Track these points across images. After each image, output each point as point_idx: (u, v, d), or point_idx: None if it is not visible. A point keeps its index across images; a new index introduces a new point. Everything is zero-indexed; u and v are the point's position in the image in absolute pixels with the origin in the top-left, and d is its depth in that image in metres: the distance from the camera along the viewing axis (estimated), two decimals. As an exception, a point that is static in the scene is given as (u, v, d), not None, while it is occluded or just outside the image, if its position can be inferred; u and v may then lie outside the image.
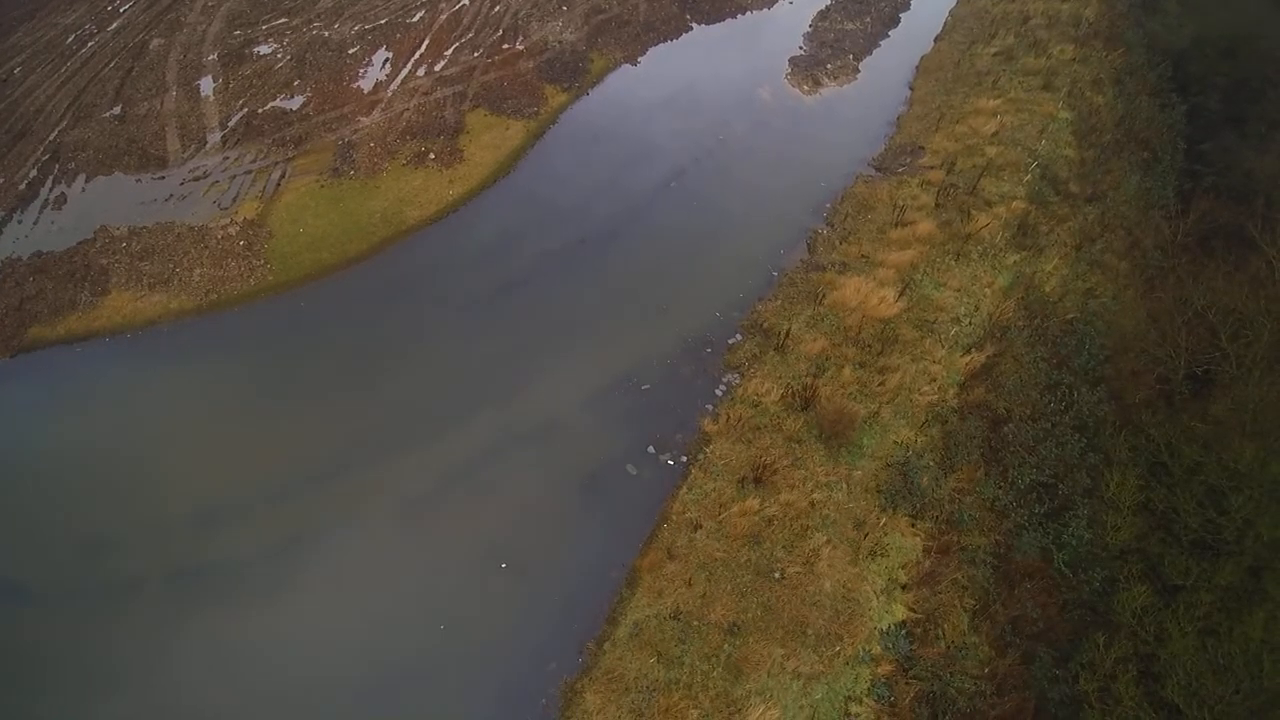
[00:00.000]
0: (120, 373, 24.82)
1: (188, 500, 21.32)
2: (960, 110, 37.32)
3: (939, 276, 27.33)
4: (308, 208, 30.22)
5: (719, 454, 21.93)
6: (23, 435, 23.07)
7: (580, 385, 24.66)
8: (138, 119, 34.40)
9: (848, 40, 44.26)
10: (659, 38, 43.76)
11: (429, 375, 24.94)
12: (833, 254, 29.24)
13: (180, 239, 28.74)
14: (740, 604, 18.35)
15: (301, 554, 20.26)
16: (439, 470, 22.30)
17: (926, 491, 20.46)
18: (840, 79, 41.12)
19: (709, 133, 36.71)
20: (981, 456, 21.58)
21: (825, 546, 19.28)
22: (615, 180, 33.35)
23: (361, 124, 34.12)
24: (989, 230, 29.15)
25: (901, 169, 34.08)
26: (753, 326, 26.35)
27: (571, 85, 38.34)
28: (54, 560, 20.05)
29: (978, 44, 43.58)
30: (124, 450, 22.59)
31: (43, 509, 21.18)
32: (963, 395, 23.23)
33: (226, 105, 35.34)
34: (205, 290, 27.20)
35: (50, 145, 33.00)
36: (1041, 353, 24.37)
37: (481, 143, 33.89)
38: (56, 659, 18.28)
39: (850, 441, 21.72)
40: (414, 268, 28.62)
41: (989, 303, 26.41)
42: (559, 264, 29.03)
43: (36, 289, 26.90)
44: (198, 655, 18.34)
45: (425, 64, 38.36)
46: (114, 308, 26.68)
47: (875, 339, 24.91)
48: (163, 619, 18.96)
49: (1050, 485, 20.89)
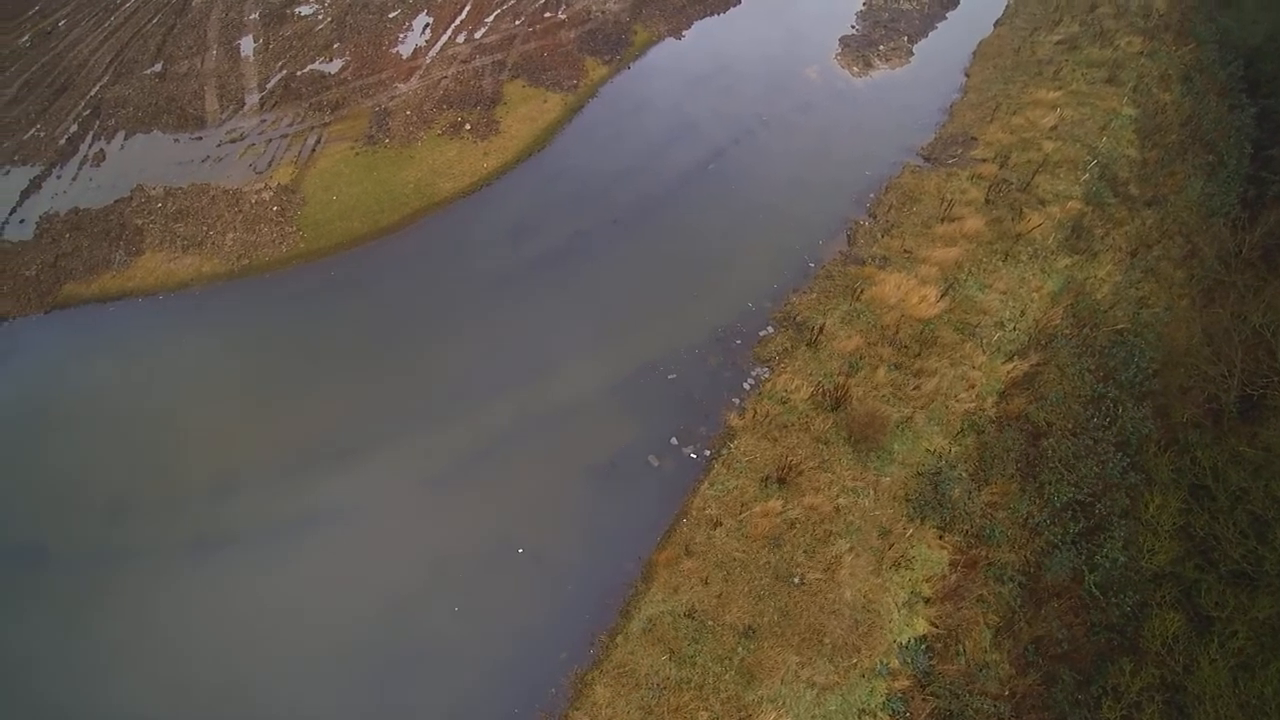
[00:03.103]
0: (151, 334, 25.03)
1: (209, 466, 21.52)
2: (1018, 101, 35.63)
3: (985, 277, 26.25)
4: (341, 175, 30.01)
5: (743, 450, 21.44)
6: (51, 392, 23.42)
7: (605, 369, 24.28)
8: (178, 77, 34.37)
9: (903, 20, 42.48)
10: (706, 10, 42.43)
11: (454, 351, 24.77)
12: (873, 247, 28.25)
13: (215, 201, 28.75)
14: (757, 607, 17.99)
15: (319, 527, 20.33)
16: (459, 448, 22.19)
17: (957, 504, 19.78)
18: (892, 61, 39.53)
19: (751, 113, 35.60)
20: (1018, 470, 20.79)
21: (848, 554, 18.78)
22: (652, 159, 32.57)
23: (399, 91, 33.67)
24: (1041, 231, 27.88)
25: (951, 160, 32.71)
26: (785, 319, 25.62)
27: (612, 58, 37.39)
28: (73, 520, 20.40)
29: (1040, 31, 41.51)
30: (150, 412, 22.85)
31: (66, 467, 21.53)
32: (1002, 405, 22.35)
33: (266, 66, 35.12)
34: (237, 255, 27.24)
35: (91, 101, 33.15)
36: (1087, 364, 23.31)
37: (518, 115, 33.27)
38: (70, 621, 18.58)
39: (880, 446, 21.06)
40: (445, 241, 28.35)
41: (1036, 308, 25.31)
42: (590, 243, 28.50)
43: (72, 246, 27.17)
44: (211, 623, 18.56)
45: (465, 31, 37.67)
46: (147, 268, 26.85)
47: (913, 340, 24.04)
48: (179, 586, 19.20)
49: (1087, 504, 20.07)
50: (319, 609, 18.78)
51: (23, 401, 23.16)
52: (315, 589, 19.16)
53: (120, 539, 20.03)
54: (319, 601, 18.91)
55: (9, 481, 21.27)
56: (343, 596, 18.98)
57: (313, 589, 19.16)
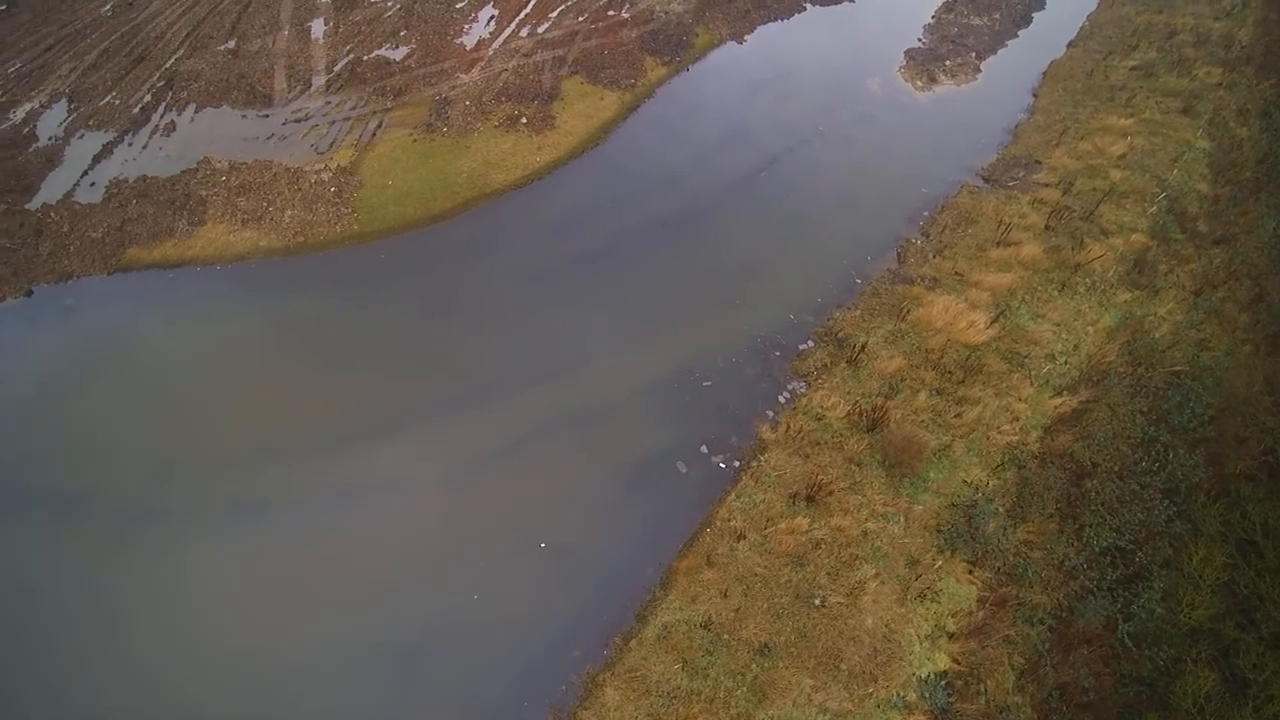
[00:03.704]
0: (206, 303, 25.87)
1: (249, 434, 22.18)
2: (1087, 126, 34.49)
3: (1038, 307, 25.47)
4: (399, 161, 30.57)
5: (773, 464, 21.21)
6: (107, 350, 24.43)
7: (640, 371, 24.25)
8: (250, 55, 35.42)
9: (972, 36, 41.48)
10: (770, 16, 42.10)
11: (493, 341, 25.02)
12: (924, 267, 27.64)
13: (276, 178, 29.56)
14: (775, 625, 17.78)
15: (349, 502, 20.78)
16: (491, 438, 22.40)
17: (991, 539, 19.24)
18: (958, 77, 38.63)
19: (809, 122, 35.21)
20: (1057, 510, 20.13)
21: (873, 580, 18.43)
22: (704, 163, 32.45)
23: (460, 81, 34.14)
24: (1101, 262, 26.94)
25: (1013, 183, 31.82)
26: (827, 334, 25.24)
27: (672, 59, 37.34)
28: (119, 477, 21.20)
29: (1115, 55, 40.08)
30: (197, 377, 23.66)
31: (114, 422, 22.44)
32: (1046, 440, 21.66)
33: (334, 49, 35.96)
34: (294, 232, 27.96)
35: (166, 73, 34.39)
36: (1140, 405, 22.45)
37: (574, 111, 33.45)
38: (102, 570, 19.34)
39: (915, 473, 20.61)
40: (493, 232, 28.67)
41: (1090, 343, 24.47)
42: (635, 244, 28.51)
43: (138, 212, 28.23)
44: (235, 585, 19.12)
45: (529, 24, 38.02)
46: (208, 239, 27.75)
47: (958, 366, 23.46)
48: (209, 547, 19.82)
49: (1128, 550, 19.35)
50: (341, 582, 19.19)
51: (80, 356, 24.22)
52: (339, 562, 19.58)
53: (158, 497, 20.78)
54: (342, 574, 19.32)
55: (59, 431, 22.25)
56: (365, 572, 19.36)
57: (337, 562, 19.58)
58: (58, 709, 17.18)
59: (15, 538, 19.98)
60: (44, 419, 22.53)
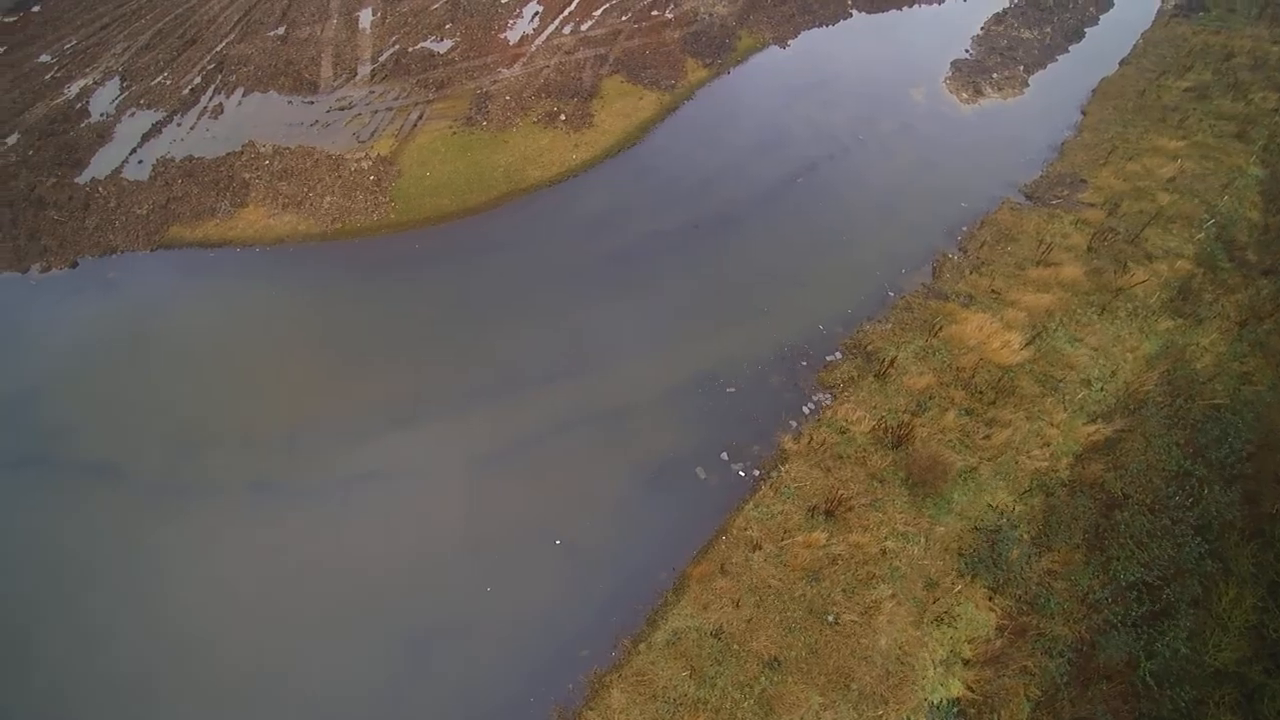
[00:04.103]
0: (244, 284, 26.40)
1: (276, 414, 22.60)
2: (1136, 146, 33.57)
3: (1076, 330, 24.86)
4: (437, 152, 30.87)
5: (794, 475, 20.99)
6: (145, 325, 25.07)
7: (664, 373, 24.17)
8: (298, 42, 36.02)
9: (1021, 49, 40.61)
10: (815, 21, 41.68)
11: (520, 335, 25.14)
12: (959, 283, 27.14)
13: (318, 165, 30.03)
14: (786, 639, 17.60)
15: (370, 487, 21.07)
16: (513, 432, 22.52)
17: (1014, 566, 18.82)
18: (1005, 90, 37.86)
19: (849, 129, 34.79)
20: (1084, 540, 19.62)
21: (889, 600, 18.14)
22: (741, 167, 32.25)
23: (501, 76, 34.35)
24: (1144, 288, 26.19)
25: (1056, 201, 31.10)
26: (855, 347, 24.91)
27: (714, 61, 37.14)
28: (151, 448, 21.78)
29: (1168, 75, 38.94)
30: (231, 356, 24.16)
31: (148, 395, 23.05)
32: (1077, 468, 21.12)
33: (381, 40, 36.42)
34: (332, 218, 28.39)
35: (216, 56, 35.13)
36: (1177, 437, 21.79)
37: (613, 110, 33.45)
38: (130, 537, 19.92)
39: (939, 493, 20.24)
40: (526, 227, 28.80)
41: (1128, 370, 23.81)
42: (667, 245, 28.44)
43: (183, 191, 28.88)
44: (256, 561, 19.54)
45: (573, 22, 38.11)
46: (248, 221, 28.30)
47: (989, 386, 22.99)
48: (232, 522, 20.27)
49: (1155, 586, 18.78)
50: (357, 565, 19.46)
51: (119, 330, 24.90)
52: (357, 545, 19.87)
53: (187, 470, 21.30)
54: (359, 558, 19.60)
55: (96, 400, 22.90)
56: (382, 557, 19.61)
57: (355, 545, 19.88)
58: (82, 661, 17.73)
59: (51, 500, 20.67)
60: (82, 388, 23.23)
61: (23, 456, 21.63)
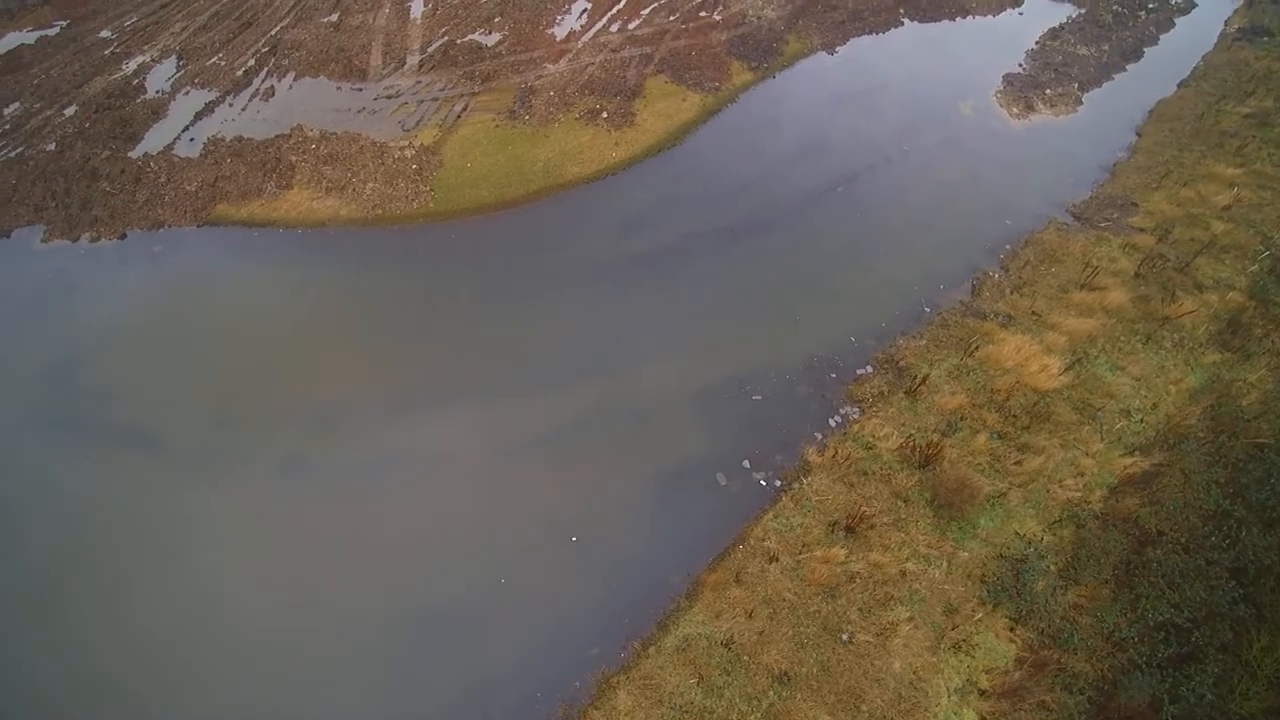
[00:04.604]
0: (284, 264, 26.96)
1: (310, 394, 23.00)
2: (1191, 171, 32.44)
3: (1118, 358, 24.10)
4: (479, 144, 31.09)
5: (816, 488, 20.69)
6: (188, 298, 25.74)
7: (690, 376, 24.02)
8: (350, 29, 36.58)
9: (1076, 66, 39.53)
10: (865, 29, 41.06)
11: (550, 330, 25.21)
12: (999, 303, 26.48)
13: (362, 151, 30.46)
14: (797, 654, 17.35)
15: (391, 472, 21.31)
16: (536, 425, 22.59)
17: (1038, 597, 18.29)
18: (1057, 107, 36.89)
19: (893, 140, 34.21)
20: (1114, 576, 18.98)
21: (906, 623, 17.76)
22: (780, 173, 31.91)
23: (546, 71, 34.48)
24: (1192, 318, 25.29)
25: (1104, 224, 30.19)
26: (887, 361, 24.47)
27: (759, 65, 36.82)
28: (185, 419, 22.38)
29: (1228, 100, 37.53)
30: (268, 333, 24.70)
31: (187, 370, 23.65)
32: (1111, 501, 20.45)
33: (430, 31, 36.82)
34: (373, 204, 28.77)
35: (271, 39, 35.83)
36: (1217, 475, 20.98)
37: (655, 110, 33.35)
38: (162, 503, 20.49)
39: (965, 517, 19.78)
40: (561, 223, 28.87)
41: (1170, 403, 23.00)
42: (701, 248, 28.27)
43: (231, 170, 29.51)
44: (276, 536, 19.97)
45: (620, 20, 38.10)
46: (292, 203, 28.82)
47: (1024, 411, 22.40)
48: (257, 497, 20.72)
49: (1184, 629, 18.09)
50: (374, 547, 19.73)
51: (162, 302, 25.61)
52: (377, 526, 20.14)
53: (219, 443, 21.80)
54: (378, 538, 19.88)
55: (135, 369, 23.58)
56: (400, 540, 19.86)
57: (375, 526, 20.15)
58: (108, 619, 18.32)
59: (85, 462, 21.37)
60: (122, 356, 23.95)
61: (62, 418, 22.40)
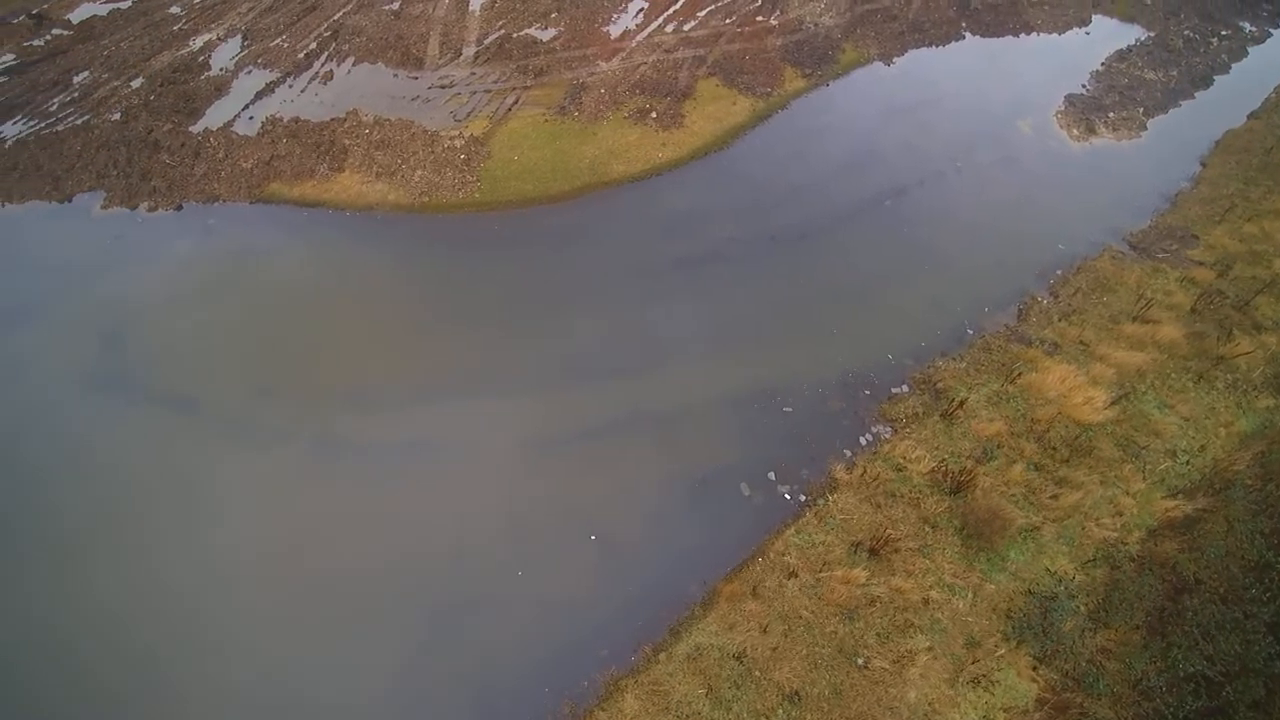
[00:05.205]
0: (331, 244, 27.57)
1: (345, 373, 23.53)
2: (1257, 207, 31.06)
3: (1167, 395, 23.21)
4: (527, 138, 31.30)
5: (841, 507, 20.36)
6: (237, 272, 26.50)
7: (721, 384, 23.82)
8: (411, 18, 37.16)
9: (1143, 90, 38.15)
10: (924, 40, 40.23)
11: (580, 327, 25.27)
12: (1046, 329, 25.69)
13: (414, 139, 30.90)
14: (809, 674, 17.09)
15: (417, 456, 21.64)
16: (563, 421, 22.67)
17: (1065, 638, 17.70)
18: (1120, 131, 35.66)
19: (947, 156, 33.45)
20: (1146, 622, 18.28)
21: (925, 653, 17.36)
22: (828, 182, 31.45)
23: (599, 69, 34.54)
24: (1248, 360, 24.23)
25: (1162, 255, 29.09)
26: (924, 382, 23.95)
27: (814, 72, 36.36)
28: (225, 389, 23.11)
29: (1303, 134, 35.85)
30: (311, 312, 25.30)
31: (231, 341, 24.38)
32: (1149, 544, 19.70)
33: (488, 23, 37.18)
34: (420, 191, 29.18)
35: (333, 24, 36.59)
36: (1262, 525, 20.04)
37: (705, 112, 33.17)
38: (196, 471, 21.22)
39: (994, 549, 19.25)
40: (603, 221, 28.91)
41: (1219, 446, 22.07)
42: (740, 254, 28.03)
43: (287, 150, 30.21)
44: (307, 508, 20.49)
45: (676, 20, 37.98)
46: (343, 185, 29.39)
47: (1064, 443, 21.71)
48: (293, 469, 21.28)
49: (1215, 682, 17.34)
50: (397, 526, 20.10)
51: (212, 274, 26.40)
52: (400, 508, 20.48)
53: (255, 416, 22.41)
54: (399, 520, 20.23)
55: (182, 337, 24.40)
56: (421, 523, 20.18)
57: (397, 507, 20.49)
58: (134, 572, 19.05)
59: (128, 422, 22.27)
60: (170, 323, 24.79)
61: (109, 379, 23.31)
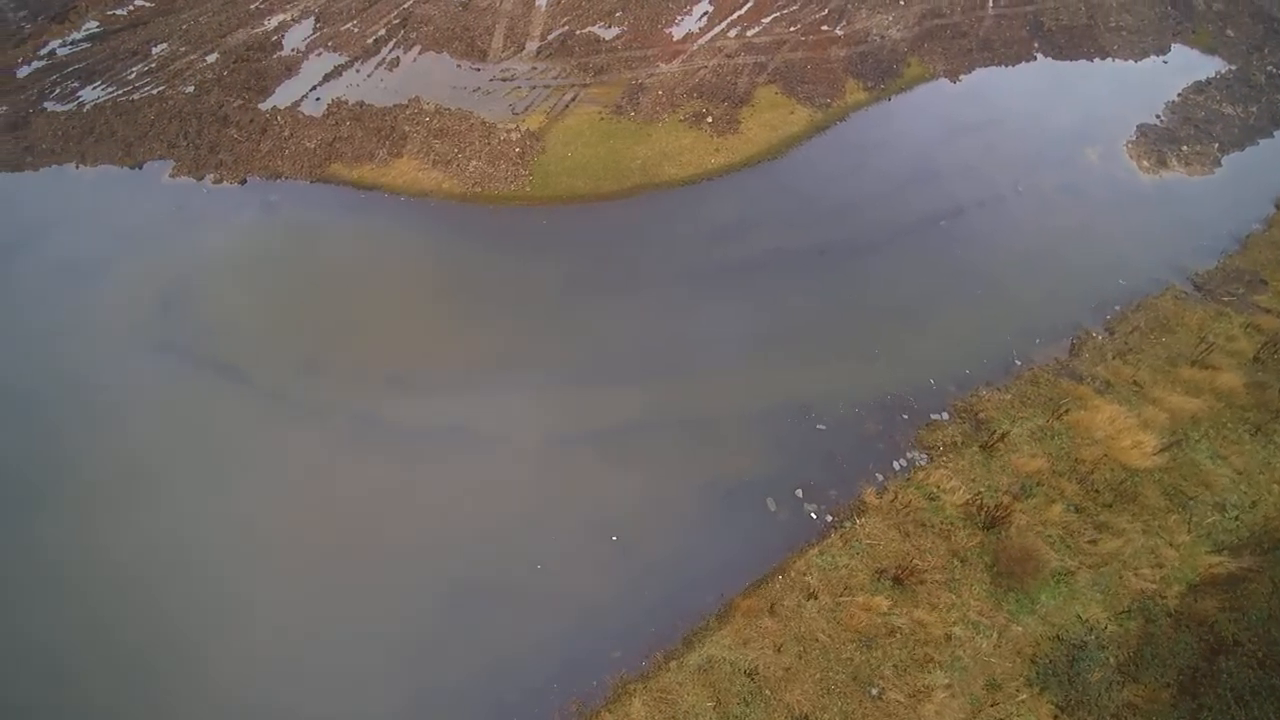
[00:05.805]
0: (386, 227, 28.28)
1: (388, 355, 24.18)
2: (1336, 254, 29.47)
3: (1221, 446, 22.22)
4: (582, 135, 31.47)
5: (868, 531, 20.03)
6: (293, 249, 27.50)
7: (756, 395, 23.65)
8: (478, 10, 37.68)
9: (1220, 125, 36.44)
10: (993, 59, 39.10)
11: (622, 326, 25.39)
12: (1098, 366, 24.79)
13: (471, 129, 31.34)
14: (821, 699, 16.87)
15: (452, 442, 22.09)
16: (595, 419, 22.85)
17: (1091, 690, 17.10)
18: (1193, 166, 34.16)
19: (1008, 179, 32.45)
20: (1178, 680, 17.54)
21: (943, 690, 16.96)
22: (882, 199, 30.83)
23: (659, 70, 34.53)
24: (1314, 415, 23.07)
25: (1227, 298, 27.83)
26: (966, 411, 23.37)
27: (876, 85, 35.69)
28: (273, 362, 24.00)
29: (1392, 179, 33.80)
30: (361, 292, 26.04)
31: (282, 316, 25.34)
32: (1188, 599, 18.89)
33: (553, 19, 37.48)
34: (474, 181, 29.62)
35: (403, 12, 37.34)
36: (1317, 592, 19.09)
37: (761, 120, 32.87)
38: (240, 438, 22.16)
39: (1025, 589, 18.70)
40: (652, 223, 28.90)
41: (1271, 503, 21.02)
42: (789, 266, 27.71)
43: (349, 133, 30.96)
44: (338, 483, 21.19)
45: (740, 25, 37.69)
46: (400, 171, 30.02)
47: (1108, 487, 20.96)
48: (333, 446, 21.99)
49: (1252, 753, 16.61)
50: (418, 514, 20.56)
51: (270, 248, 27.41)
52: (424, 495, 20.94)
53: (299, 392, 23.19)
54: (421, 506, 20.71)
55: (236, 308, 25.34)
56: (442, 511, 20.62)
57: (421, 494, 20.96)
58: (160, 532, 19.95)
59: (178, 386, 23.35)
60: (226, 294, 25.75)
61: (164, 343, 24.40)
